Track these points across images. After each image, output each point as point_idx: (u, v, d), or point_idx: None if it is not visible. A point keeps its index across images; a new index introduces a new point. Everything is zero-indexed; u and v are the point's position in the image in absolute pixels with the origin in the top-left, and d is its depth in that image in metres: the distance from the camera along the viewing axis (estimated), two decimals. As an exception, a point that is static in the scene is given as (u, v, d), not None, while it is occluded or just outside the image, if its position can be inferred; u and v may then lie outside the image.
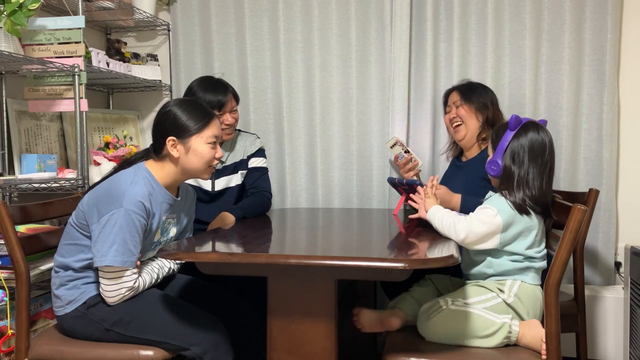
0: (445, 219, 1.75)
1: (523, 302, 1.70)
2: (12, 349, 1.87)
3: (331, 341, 1.50)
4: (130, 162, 1.85)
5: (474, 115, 2.33)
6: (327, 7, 2.81)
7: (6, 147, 2.38)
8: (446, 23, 2.73)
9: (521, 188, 1.72)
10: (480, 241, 1.70)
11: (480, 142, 2.35)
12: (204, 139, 1.81)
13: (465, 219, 1.71)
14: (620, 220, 2.66)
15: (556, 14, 2.62)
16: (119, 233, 1.64)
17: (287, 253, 1.49)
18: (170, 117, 1.81)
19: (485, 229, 1.68)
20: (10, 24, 2.03)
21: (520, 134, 1.76)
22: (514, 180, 1.73)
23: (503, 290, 1.71)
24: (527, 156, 1.74)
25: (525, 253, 1.72)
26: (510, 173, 1.74)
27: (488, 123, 2.32)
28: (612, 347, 2.52)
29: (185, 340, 1.66)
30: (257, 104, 2.92)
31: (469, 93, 2.37)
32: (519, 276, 1.73)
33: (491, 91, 2.42)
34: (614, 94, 2.60)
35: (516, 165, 1.74)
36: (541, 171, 1.74)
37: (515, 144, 1.75)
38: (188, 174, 1.85)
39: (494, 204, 1.72)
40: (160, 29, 3.09)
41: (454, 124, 2.37)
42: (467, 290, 1.75)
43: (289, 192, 2.89)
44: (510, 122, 1.76)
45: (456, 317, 1.66)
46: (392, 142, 2.59)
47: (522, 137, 1.75)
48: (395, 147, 2.58)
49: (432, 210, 1.83)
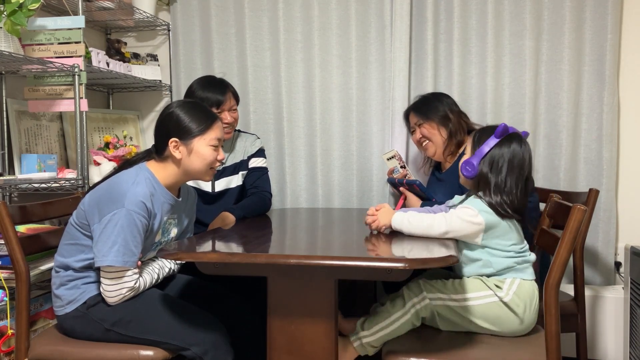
0: (413, 217, 1.73)
1: (521, 299, 1.70)
2: (12, 349, 1.87)
3: (331, 341, 1.50)
4: (132, 162, 1.85)
5: (437, 131, 2.36)
6: (327, 7, 2.81)
7: (6, 147, 2.38)
8: (446, 23, 2.73)
9: (498, 194, 1.72)
10: (463, 236, 1.70)
11: (454, 151, 2.37)
12: (207, 141, 1.81)
13: (443, 215, 1.71)
14: (620, 220, 2.66)
15: (556, 14, 2.62)
16: (121, 233, 1.64)
17: (287, 253, 1.49)
18: (174, 118, 1.81)
19: (466, 226, 1.68)
20: (10, 24, 2.03)
21: (504, 143, 1.75)
22: (491, 186, 1.73)
23: (501, 288, 1.72)
24: (506, 166, 1.73)
25: (514, 249, 1.73)
26: (486, 178, 1.74)
27: (452, 134, 2.34)
28: (612, 347, 2.52)
29: (185, 340, 1.66)
30: (257, 104, 2.92)
31: (425, 110, 2.40)
32: (518, 274, 1.73)
33: (446, 97, 2.43)
34: (614, 94, 2.60)
35: (493, 173, 1.74)
36: (517, 182, 1.74)
37: (497, 151, 1.75)
38: (190, 176, 1.86)
39: (474, 205, 1.72)
40: (160, 29, 3.09)
41: (422, 143, 2.41)
42: (464, 283, 1.74)
43: (289, 192, 2.89)
44: (497, 130, 1.76)
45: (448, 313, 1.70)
46: (390, 155, 2.59)
47: (505, 146, 1.75)
48: (392, 160, 2.59)
49: (395, 217, 1.75)
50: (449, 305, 1.70)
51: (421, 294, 1.70)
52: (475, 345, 1.66)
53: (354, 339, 1.70)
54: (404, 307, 1.69)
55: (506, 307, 1.70)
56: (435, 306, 1.70)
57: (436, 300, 1.70)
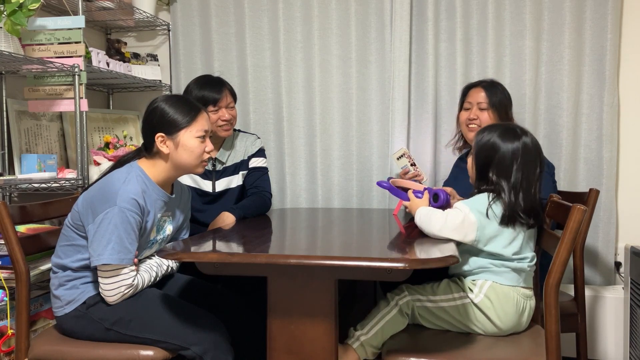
0: (424, 212, 1.77)
1: (493, 303, 1.70)
2: (12, 349, 1.87)
3: (331, 341, 1.50)
4: (123, 161, 1.85)
5: (492, 122, 2.22)
6: (327, 7, 2.81)
7: (6, 147, 2.38)
8: (447, 23, 2.73)
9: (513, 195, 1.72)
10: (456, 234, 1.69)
11: None
12: (193, 132, 1.81)
13: (441, 213, 1.73)
14: (620, 220, 2.66)
15: (556, 14, 2.62)
16: (115, 231, 1.64)
17: (287, 253, 1.49)
18: (158, 113, 1.81)
19: (459, 223, 1.69)
20: (10, 24, 2.03)
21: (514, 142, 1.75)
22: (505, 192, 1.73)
23: (472, 290, 1.73)
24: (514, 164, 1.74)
25: (502, 252, 1.72)
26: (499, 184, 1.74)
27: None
28: (612, 347, 2.52)
29: (185, 339, 1.66)
30: (257, 104, 2.92)
31: (497, 99, 2.26)
32: (491, 276, 1.74)
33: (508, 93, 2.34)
34: (614, 94, 2.60)
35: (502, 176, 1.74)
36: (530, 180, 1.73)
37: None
38: (181, 170, 1.85)
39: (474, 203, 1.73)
40: (160, 29, 3.09)
41: (470, 124, 2.29)
42: (440, 286, 1.78)
43: (289, 192, 2.89)
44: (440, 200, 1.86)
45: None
46: (400, 154, 2.47)
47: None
48: (402, 159, 2.48)
49: (419, 209, 1.82)
50: (426, 306, 1.75)
51: (402, 293, 1.76)
52: (475, 345, 1.66)
53: (352, 341, 1.71)
54: (388, 305, 1.75)
55: (477, 308, 1.72)
56: (415, 306, 1.75)
57: (416, 301, 1.75)
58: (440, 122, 2.77)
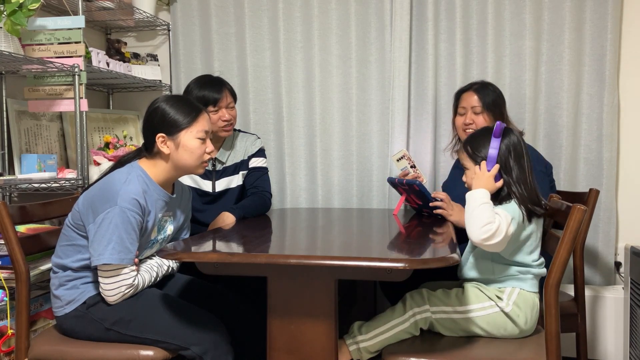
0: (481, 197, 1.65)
1: (522, 310, 1.70)
2: (12, 349, 1.87)
3: (331, 341, 1.50)
4: (124, 161, 1.85)
5: (488, 124, 2.21)
6: (327, 7, 2.81)
7: (6, 147, 2.38)
8: (446, 23, 2.73)
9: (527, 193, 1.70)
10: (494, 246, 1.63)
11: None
12: (194, 133, 1.81)
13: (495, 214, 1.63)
14: (620, 220, 2.66)
15: (556, 14, 2.62)
16: (115, 231, 1.64)
17: (287, 253, 1.49)
18: (159, 113, 1.81)
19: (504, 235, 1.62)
20: (10, 24, 2.03)
21: (504, 140, 1.74)
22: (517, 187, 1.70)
23: (502, 298, 1.71)
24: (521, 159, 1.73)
25: (525, 260, 1.72)
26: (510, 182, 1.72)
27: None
28: (612, 347, 2.52)
29: (186, 339, 1.66)
30: (257, 104, 2.92)
31: (490, 101, 2.25)
32: (518, 283, 1.72)
33: (500, 92, 2.34)
34: (614, 94, 2.60)
35: (514, 173, 1.72)
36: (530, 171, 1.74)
37: (504, 151, 1.72)
38: (181, 170, 1.85)
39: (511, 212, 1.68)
40: (160, 29, 3.09)
41: (467, 129, 2.27)
42: (466, 295, 1.73)
43: (289, 192, 2.89)
44: (496, 130, 1.72)
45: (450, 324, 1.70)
46: (399, 155, 2.46)
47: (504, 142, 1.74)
48: (401, 161, 2.46)
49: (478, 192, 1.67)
50: (452, 318, 1.69)
51: (424, 305, 1.68)
52: (476, 345, 1.66)
53: (350, 342, 1.68)
54: (404, 314, 1.67)
55: (507, 317, 1.69)
56: (436, 318, 1.69)
57: (439, 314, 1.69)
58: (440, 122, 2.77)
